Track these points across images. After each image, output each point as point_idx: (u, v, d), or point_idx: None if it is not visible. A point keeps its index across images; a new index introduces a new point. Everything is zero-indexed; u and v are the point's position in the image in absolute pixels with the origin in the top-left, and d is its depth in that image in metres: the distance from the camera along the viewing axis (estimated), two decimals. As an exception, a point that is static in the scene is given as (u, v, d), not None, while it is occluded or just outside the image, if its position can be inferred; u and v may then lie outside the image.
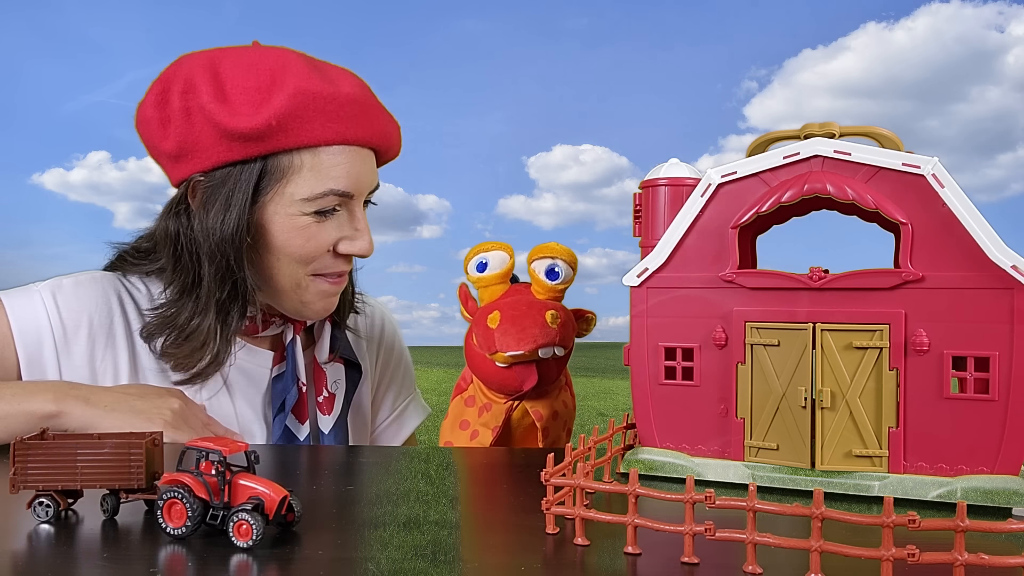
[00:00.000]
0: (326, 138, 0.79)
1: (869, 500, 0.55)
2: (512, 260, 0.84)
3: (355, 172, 0.81)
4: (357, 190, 0.82)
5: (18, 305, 0.82)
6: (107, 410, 0.73)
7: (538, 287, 0.81)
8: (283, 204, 0.80)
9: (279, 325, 0.89)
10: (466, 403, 0.86)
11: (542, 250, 0.83)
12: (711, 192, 0.61)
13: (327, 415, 0.90)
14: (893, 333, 0.55)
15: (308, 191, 0.79)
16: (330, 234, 0.82)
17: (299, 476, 0.66)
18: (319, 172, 0.79)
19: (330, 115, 0.79)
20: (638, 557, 0.43)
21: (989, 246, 0.53)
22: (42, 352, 0.81)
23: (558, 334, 0.78)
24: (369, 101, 0.83)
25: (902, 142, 0.58)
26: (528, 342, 0.77)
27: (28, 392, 0.74)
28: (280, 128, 0.77)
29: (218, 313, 0.81)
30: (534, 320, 0.78)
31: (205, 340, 0.81)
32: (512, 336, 0.77)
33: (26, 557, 0.44)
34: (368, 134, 0.82)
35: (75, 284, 0.85)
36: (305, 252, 0.81)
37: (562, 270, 0.82)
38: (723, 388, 0.60)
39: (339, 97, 0.79)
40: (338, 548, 0.44)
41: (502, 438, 0.84)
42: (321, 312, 0.86)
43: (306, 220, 0.80)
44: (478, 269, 0.84)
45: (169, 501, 0.45)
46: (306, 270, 0.83)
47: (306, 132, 0.78)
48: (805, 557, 0.38)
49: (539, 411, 0.82)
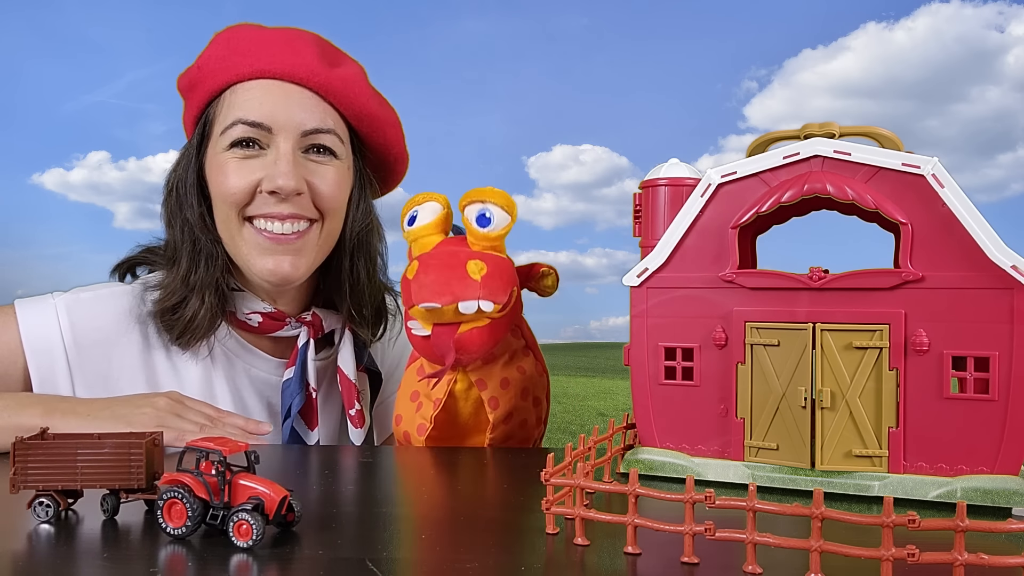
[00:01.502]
0: (240, 74, 0.82)
1: (869, 500, 0.55)
2: (446, 210, 0.75)
3: (270, 104, 0.82)
4: (274, 122, 0.81)
5: (31, 316, 0.82)
6: (89, 419, 0.73)
7: (471, 236, 0.73)
8: (211, 146, 0.84)
9: (293, 327, 0.89)
10: (417, 373, 0.78)
11: (472, 194, 0.74)
12: (711, 192, 0.61)
13: (359, 428, 0.89)
14: (893, 333, 0.55)
15: (221, 126, 0.82)
16: (252, 172, 0.81)
17: (299, 476, 0.66)
18: (232, 106, 0.82)
19: (243, 52, 0.83)
20: (638, 557, 0.43)
21: (989, 246, 0.53)
22: (53, 365, 0.81)
23: (481, 287, 0.69)
24: (293, 39, 0.84)
25: (902, 142, 0.58)
26: (445, 294, 0.68)
27: (20, 405, 0.74)
28: (205, 72, 0.83)
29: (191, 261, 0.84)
30: (453, 271, 0.69)
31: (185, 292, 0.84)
32: (427, 287, 0.68)
33: (26, 557, 0.44)
34: (287, 69, 0.82)
35: (94, 299, 0.85)
36: (226, 190, 0.82)
37: (494, 215, 0.72)
38: (723, 388, 0.60)
39: (255, 36, 0.84)
40: (338, 548, 0.44)
41: (449, 413, 0.76)
42: (265, 274, 0.83)
43: (225, 157, 0.82)
44: (408, 223, 0.75)
45: (169, 501, 0.45)
46: (239, 214, 0.82)
47: (227, 72, 0.82)
48: (805, 557, 0.38)
49: (482, 379, 0.74)
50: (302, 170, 0.82)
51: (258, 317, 0.86)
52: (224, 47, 0.83)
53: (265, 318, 0.87)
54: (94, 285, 0.88)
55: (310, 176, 0.83)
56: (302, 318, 0.89)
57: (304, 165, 0.82)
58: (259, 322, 0.87)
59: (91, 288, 0.87)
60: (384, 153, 0.92)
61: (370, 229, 0.91)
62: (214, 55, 0.83)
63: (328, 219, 0.85)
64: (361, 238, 0.89)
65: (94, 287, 0.88)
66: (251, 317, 0.87)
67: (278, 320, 0.87)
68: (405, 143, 0.94)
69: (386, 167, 0.94)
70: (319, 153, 0.84)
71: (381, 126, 0.89)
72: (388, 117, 0.89)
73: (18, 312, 0.82)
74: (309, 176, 0.83)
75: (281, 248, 0.82)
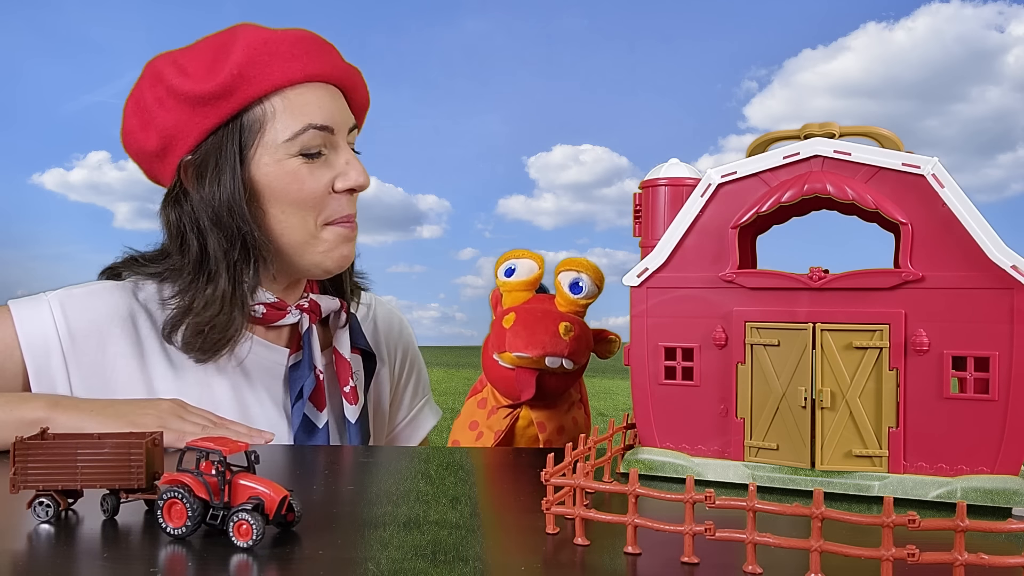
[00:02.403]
0: (289, 78, 0.82)
1: (869, 500, 0.55)
2: (540, 271, 0.84)
3: (327, 106, 0.83)
4: (335, 123, 0.84)
5: (25, 314, 0.83)
6: (92, 415, 0.73)
7: (560, 299, 0.81)
8: (269, 152, 0.82)
9: (295, 315, 0.89)
10: (479, 404, 0.87)
11: (570, 263, 0.83)
12: (711, 192, 0.61)
13: (353, 405, 0.91)
14: (893, 333, 0.55)
15: (288, 132, 0.81)
16: (324, 174, 0.83)
17: (300, 476, 0.66)
18: (293, 111, 0.82)
19: (285, 56, 0.82)
20: (638, 557, 0.43)
21: (989, 246, 0.53)
22: (50, 362, 0.81)
23: (568, 347, 0.78)
24: (319, 41, 0.85)
25: (902, 142, 0.58)
26: (536, 347, 0.77)
27: (21, 400, 0.75)
28: (243, 78, 0.80)
29: (230, 277, 0.82)
30: (546, 328, 0.78)
31: (221, 308, 0.82)
32: (522, 339, 0.77)
33: (26, 557, 0.44)
34: (328, 70, 0.84)
35: (87, 294, 0.86)
36: (303, 196, 0.82)
37: (586, 285, 0.81)
38: (723, 388, 0.60)
39: (290, 38, 0.83)
40: (338, 548, 0.45)
41: (505, 445, 0.83)
42: (340, 261, 0.87)
43: (295, 163, 0.82)
44: (506, 274, 0.84)
45: (169, 501, 0.45)
46: (317, 219, 0.84)
47: (269, 76, 0.81)
48: (805, 557, 0.38)
49: (543, 422, 0.82)
50: None
51: (262, 308, 0.87)
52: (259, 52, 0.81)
53: (269, 308, 0.87)
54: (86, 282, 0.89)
55: None
56: (300, 305, 0.90)
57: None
58: (263, 312, 0.87)
59: (83, 284, 0.88)
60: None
61: None
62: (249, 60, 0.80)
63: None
64: None
65: (86, 283, 0.88)
66: (256, 308, 0.87)
67: (280, 309, 0.88)
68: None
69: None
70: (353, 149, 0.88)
71: (363, 112, 0.93)
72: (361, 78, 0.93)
73: (12, 311, 0.83)
74: None
75: (351, 234, 0.87)
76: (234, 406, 0.85)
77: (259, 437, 0.77)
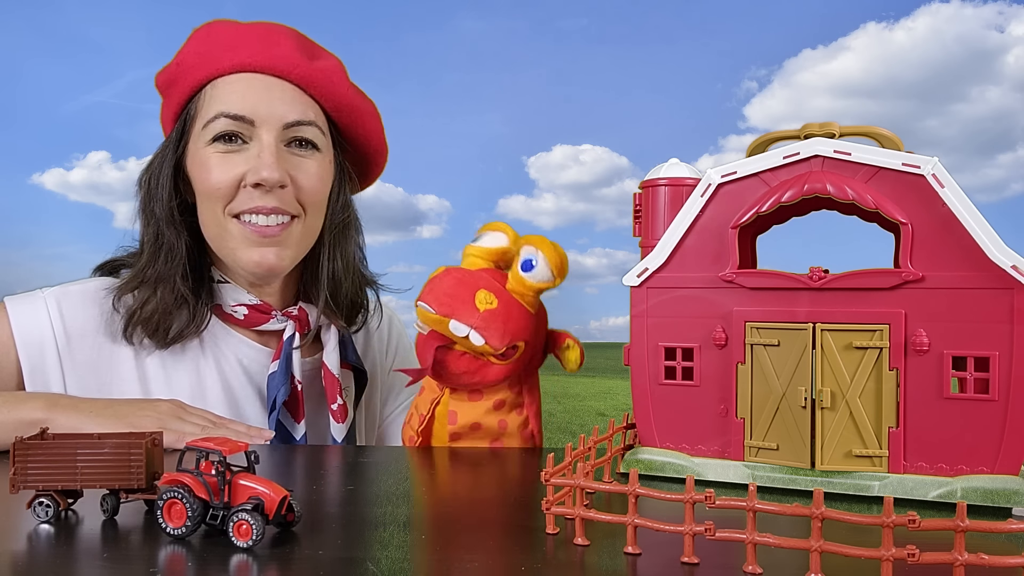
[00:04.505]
0: (221, 68, 0.82)
1: (869, 500, 0.55)
2: (509, 248, 0.75)
3: (252, 97, 0.81)
4: (256, 114, 0.81)
5: (21, 311, 0.82)
6: (91, 415, 0.73)
7: (511, 276, 0.72)
8: (193, 141, 0.84)
9: (280, 321, 0.89)
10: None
11: (532, 239, 0.73)
12: (711, 192, 0.61)
13: (340, 423, 0.89)
14: (893, 333, 0.55)
15: (202, 120, 0.82)
16: (235, 166, 0.81)
17: (299, 476, 0.66)
18: (214, 100, 0.82)
19: (224, 47, 0.82)
20: (638, 557, 0.43)
21: (989, 246, 0.53)
22: (44, 359, 0.81)
23: (479, 318, 0.68)
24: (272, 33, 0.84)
25: (902, 142, 0.58)
26: (442, 303, 0.68)
27: (20, 400, 0.75)
28: (188, 68, 0.82)
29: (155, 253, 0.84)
30: (463, 289, 0.69)
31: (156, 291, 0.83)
32: (433, 293, 0.69)
33: (26, 557, 0.44)
34: (270, 62, 0.82)
35: (82, 292, 0.86)
36: (209, 186, 0.82)
37: (539, 266, 0.71)
38: (723, 388, 0.60)
39: (238, 30, 0.83)
40: (338, 548, 0.44)
41: (428, 432, 0.76)
42: (252, 266, 0.83)
43: (207, 152, 0.82)
44: (473, 241, 0.76)
45: (169, 501, 0.45)
46: (224, 209, 0.82)
47: (204, 66, 0.82)
48: (805, 557, 0.38)
49: (454, 411, 0.73)
50: (285, 163, 0.82)
51: (244, 309, 0.87)
52: (203, 43, 0.83)
53: (251, 311, 0.87)
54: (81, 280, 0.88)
55: (293, 170, 0.83)
56: (288, 312, 0.89)
57: (287, 159, 0.82)
58: (245, 314, 0.87)
59: (79, 282, 0.87)
60: (364, 145, 0.92)
61: (348, 223, 0.91)
62: (193, 51, 0.83)
63: (310, 213, 0.85)
64: (339, 231, 0.90)
65: (82, 281, 0.88)
66: (237, 309, 0.87)
67: (264, 313, 0.88)
68: (384, 135, 0.94)
69: (366, 160, 0.95)
70: (301, 147, 0.84)
71: (360, 117, 0.89)
72: (367, 108, 0.90)
73: (8, 308, 0.82)
74: (292, 170, 0.82)
75: (267, 240, 0.82)
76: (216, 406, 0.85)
77: (259, 437, 0.77)
